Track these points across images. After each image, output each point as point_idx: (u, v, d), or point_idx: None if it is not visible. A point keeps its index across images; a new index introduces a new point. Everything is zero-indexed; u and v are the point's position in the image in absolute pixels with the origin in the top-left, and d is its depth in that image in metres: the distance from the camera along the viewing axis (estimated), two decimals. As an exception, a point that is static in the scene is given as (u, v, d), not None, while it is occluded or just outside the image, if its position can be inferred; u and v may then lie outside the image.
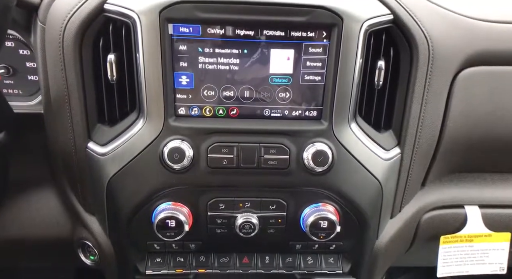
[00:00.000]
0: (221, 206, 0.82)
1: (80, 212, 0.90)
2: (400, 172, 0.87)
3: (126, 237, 0.85)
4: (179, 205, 0.80)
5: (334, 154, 0.78)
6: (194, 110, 0.78)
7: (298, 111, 0.79)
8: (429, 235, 0.99)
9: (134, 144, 0.78)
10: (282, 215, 0.83)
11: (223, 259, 0.91)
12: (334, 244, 0.88)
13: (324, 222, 0.80)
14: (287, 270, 0.91)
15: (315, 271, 0.90)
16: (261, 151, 0.78)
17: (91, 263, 0.95)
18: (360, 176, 0.82)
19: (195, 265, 0.90)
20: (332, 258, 0.92)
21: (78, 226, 0.92)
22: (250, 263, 0.91)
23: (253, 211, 0.82)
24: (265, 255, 0.92)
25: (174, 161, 0.76)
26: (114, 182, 0.80)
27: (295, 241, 0.88)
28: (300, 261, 0.92)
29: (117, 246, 0.88)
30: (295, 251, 0.90)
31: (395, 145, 0.84)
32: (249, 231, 0.81)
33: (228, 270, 0.90)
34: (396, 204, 0.91)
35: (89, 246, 0.92)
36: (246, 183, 0.81)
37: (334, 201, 0.82)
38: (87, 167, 0.82)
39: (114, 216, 0.83)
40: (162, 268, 0.89)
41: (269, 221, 0.83)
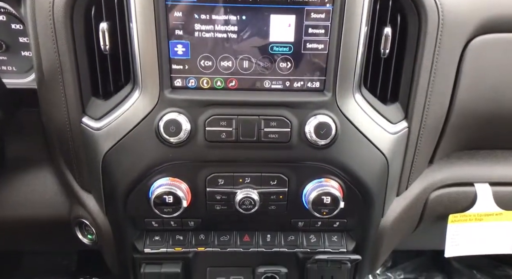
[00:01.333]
0: (220, 181, 0.79)
1: (76, 190, 0.88)
2: (407, 147, 0.83)
3: (123, 214, 0.83)
4: (177, 180, 0.78)
5: (338, 126, 0.75)
6: (191, 81, 0.75)
7: (300, 82, 0.75)
8: (437, 214, 0.96)
9: (129, 117, 0.75)
10: (283, 191, 0.80)
11: (223, 237, 0.89)
12: (337, 222, 0.85)
13: (327, 198, 0.77)
14: (289, 248, 0.88)
15: (318, 249, 0.87)
16: (261, 124, 0.75)
17: (88, 242, 0.93)
18: (365, 150, 0.78)
19: (195, 243, 0.88)
20: (335, 236, 0.89)
21: (75, 205, 0.90)
22: (251, 241, 0.88)
23: (253, 186, 0.79)
24: (266, 233, 0.89)
25: (170, 134, 0.73)
26: (109, 157, 0.77)
27: (297, 218, 0.85)
28: (302, 239, 0.89)
29: (115, 224, 0.85)
30: (297, 229, 0.88)
31: (402, 119, 0.80)
32: (249, 207, 0.79)
33: (228, 248, 0.88)
34: (403, 181, 0.88)
35: (87, 224, 0.90)
36: (246, 157, 0.78)
37: (338, 177, 0.79)
38: (81, 142, 0.79)
39: (111, 192, 0.81)
40: (161, 247, 0.87)
41: (270, 197, 0.80)
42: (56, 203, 0.93)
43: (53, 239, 1.06)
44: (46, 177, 0.93)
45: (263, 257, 0.89)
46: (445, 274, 1.68)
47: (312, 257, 0.84)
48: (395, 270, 1.65)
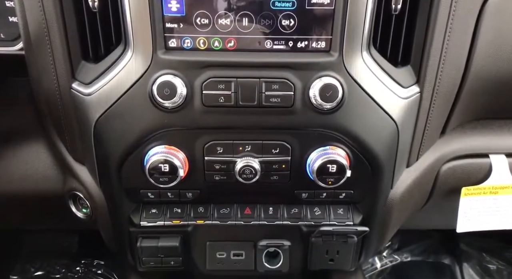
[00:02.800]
0: (219, 150, 0.74)
1: (69, 162, 0.84)
2: (418, 115, 0.77)
3: (117, 186, 0.79)
4: (173, 149, 0.73)
5: (345, 89, 0.69)
6: (186, 42, 0.69)
7: (304, 42, 0.70)
8: (449, 188, 0.91)
9: (121, 81, 0.70)
10: (286, 159, 0.75)
11: (223, 210, 0.84)
12: (343, 193, 0.80)
13: (333, 166, 0.72)
14: (292, 221, 0.84)
15: (322, 222, 0.83)
16: (262, 87, 0.70)
17: (83, 216, 0.90)
18: (373, 115, 0.73)
19: (193, 216, 0.84)
20: (341, 209, 0.84)
21: (69, 177, 0.86)
22: (252, 214, 0.84)
23: (254, 155, 0.75)
24: (268, 206, 0.85)
25: (164, 97, 0.68)
26: (101, 124, 0.73)
27: (301, 190, 0.80)
28: (306, 212, 0.84)
29: (109, 196, 0.81)
30: (301, 201, 0.83)
31: (413, 83, 0.75)
32: (250, 177, 0.74)
33: (228, 221, 0.84)
34: (413, 152, 0.83)
35: (81, 197, 0.86)
36: (246, 123, 0.73)
37: (344, 144, 0.74)
38: (72, 109, 0.75)
39: (104, 162, 0.77)
40: (158, 220, 0.83)
41: (272, 167, 0.76)
42: (49, 177, 0.89)
43: (48, 215, 1.03)
44: (39, 150, 0.90)
45: (265, 230, 0.85)
46: (453, 257, 1.65)
47: (317, 229, 0.80)
48: (402, 252, 1.62)
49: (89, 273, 1.48)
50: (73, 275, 1.47)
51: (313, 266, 0.89)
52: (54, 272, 1.47)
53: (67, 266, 1.49)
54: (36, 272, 1.47)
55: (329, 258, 0.87)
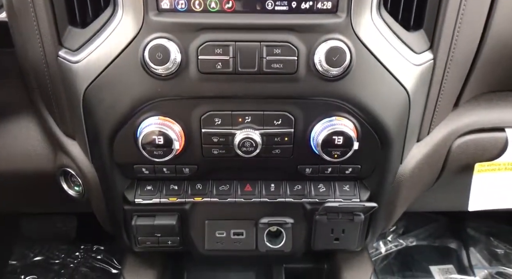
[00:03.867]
0: (216, 121, 0.70)
1: (59, 137, 0.80)
2: (431, 84, 0.72)
3: (110, 161, 0.74)
4: (168, 120, 0.69)
5: (353, 53, 0.64)
6: (180, 3, 0.64)
7: (309, 2, 0.64)
8: (461, 164, 0.86)
9: (111, 46, 0.65)
10: (289, 131, 0.70)
11: (222, 186, 0.80)
12: (350, 168, 0.76)
13: (339, 138, 0.68)
14: (295, 198, 0.79)
15: (327, 199, 0.78)
16: (263, 51, 0.64)
17: (75, 194, 0.85)
18: (383, 83, 0.67)
19: (191, 193, 0.79)
20: (347, 185, 0.80)
21: (59, 153, 0.82)
22: (253, 191, 0.80)
23: (254, 127, 0.70)
24: (270, 182, 0.80)
25: (157, 62, 0.63)
26: (90, 94, 0.68)
27: (304, 164, 0.75)
28: (310, 188, 0.80)
29: (101, 172, 0.77)
30: (304, 177, 0.78)
31: (426, 49, 0.70)
32: (250, 150, 0.69)
33: (228, 198, 0.79)
34: (425, 125, 0.78)
35: (72, 174, 0.81)
36: (246, 92, 0.67)
37: (351, 115, 0.69)
38: (60, 79, 0.70)
39: (94, 135, 0.72)
40: (154, 197, 0.79)
41: (274, 140, 0.71)
42: (40, 154, 0.85)
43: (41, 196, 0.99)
44: (29, 126, 0.85)
45: (267, 208, 0.81)
46: (459, 241, 1.61)
47: (322, 205, 0.75)
48: (407, 236, 1.58)
49: (89, 258, 1.45)
50: (73, 260, 1.45)
51: (317, 245, 0.85)
52: (53, 257, 1.44)
53: (66, 251, 1.46)
54: (35, 257, 1.45)
55: (334, 237, 0.83)
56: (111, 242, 1.45)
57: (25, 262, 1.43)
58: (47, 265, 1.42)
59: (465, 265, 1.53)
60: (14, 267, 1.40)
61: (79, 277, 1.40)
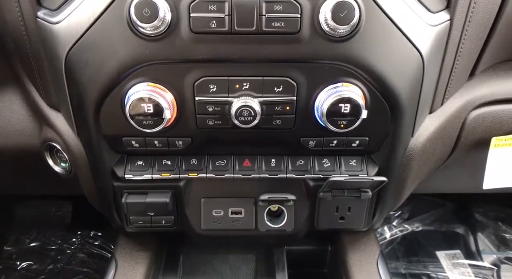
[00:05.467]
0: (211, 88, 0.64)
1: (43, 109, 0.74)
2: (446, 47, 0.66)
3: (96, 133, 0.68)
4: (158, 87, 0.63)
5: (362, 9, 0.57)
6: None
7: None
8: (477, 138, 0.80)
9: (93, 3, 0.59)
10: (291, 100, 0.64)
11: (219, 162, 0.74)
12: (357, 140, 0.70)
13: (346, 106, 0.62)
14: (297, 174, 0.73)
15: (332, 175, 0.73)
16: (262, 7, 0.58)
17: (62, 171, 0.80)
18: (395, 44, 0.61)
19: (185, 168, 0.74)
20: (354, 160, 0.74)
21: (44, 127, 0.76)
22: (252, 166, 0.74)
23: (253, 94, 0.64)
24: (270, 157, 0.74)
25: (144, 20, 0.57)
26: (73, 58, 0.62)
27: (307, 137, 0.69)
28: (313, 163, 0.74)
29: (88, 146, 0.71)
30: (307, 151, 0.72)
31: (443, 8, 0.64)
32: (249, 120, 0.63)
33: (225, 174, 0.74)
34: (438, 94, 0.71)
35: (58, 149, 0.76)
36: (243, 55, 0.61)
37: (360, 80, 0.63)
38: (40, 43, 0.64)
39: (79, 105, 0.66)
40: (145, 172, 0.73)
41: (275, 109, 0.65)
42: (25, 129, 0.79)
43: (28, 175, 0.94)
44: (12, 99, 0.79)
45: (267, 185, 0.75)
46: (466, 226, 1.57)
47: (327, 180, 0.69)
48: (413, 221, 1.54)
49: (86, 244, 1.42)
50: (69, 246, 1.41)
51: (320, 225, 0.79)
52: (49, 243, 1.41)
53: (62, 237, 1.42)
54: (31, 243, 1.41)
55: (339, 216, 0.77)
56: (108, 228, 1.41)
57: (21, 248, 1.39)
58: (43, 251, 1.38)
59: (473, 250, 1.49)
60: (9, 253, 1.37)
61: (76, 263, 1.36)
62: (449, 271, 1.41)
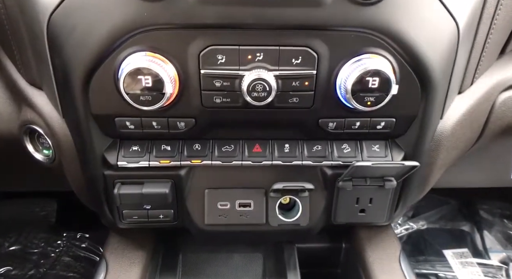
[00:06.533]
0: (220, 59, 0.55)
1: (21, 87, 0.65)
2: (480, 20, 0.59)
3: (85, 113, 0.59)
4: (158, 57, 0.54)
5: None
6: None
7: None
8: (505, 123, 0.73)
9: None
10: (310, 73, 0.56)
11: (226, 147, 0.65)
12: (383, 121, 0.62)
13: (374, 80, 0.54)
14: (314, 161, 0.65)
15: (354, 162, 0.64)
16: None
17: (44, 159, 0.70)
18: (430, 11, 0.54)
19: (188, 155, 0.65)
20: (377, 145, 0.66)
21: (23, 107, 0.67)
22: (263, 152, 0.65)
23: (267, 67, 0.55)
24: (283, 142, 0.66)
25: None
26: (57, 22, 0.53)
27: (327, 118, 0.61)
28: (332, 149, 0.66)
29: (75, 128, 0.62)
30: (326, 135, 0.64)
31: None
32: (262, 96, 0.55)
33: (233, 161, 0.65)
34: (469, 72, 0.65)
35: (40, 134, 0.66)
36: (257, 19, 0.53)
37: (388, 51, 0.55)
38: (17, 7, 0.55)
39: (65, 79, 0.57)
40: (141, 159, 0.64)
41: (291, 85, 0.57)
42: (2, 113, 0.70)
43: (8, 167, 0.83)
44: None
45: (280, 174, 0.67)
46: (472, 224, 1.53)
47: (352, 165, 0.61)
48: (417, 219, 1.49)
49: (72, 247, 1.32)
50: (53, 249, 1.31)
51: (338, 218, 0.71)
52: (31, 246, 1.30)
53: (46, 239, 1.32)
54: (10, 247, 1.31)
55: (359, 208, 0.70)
56: (96, 228, 1.31)
57: (-1, 252, 1.28)
58: (24, 254, 1.28)
59: (480, 248, 1.44)
60: (-15, 258, 1.26)
61: (60, 267, 1.26)
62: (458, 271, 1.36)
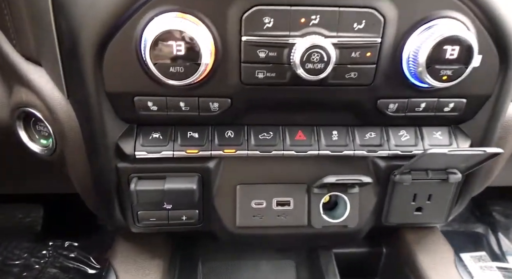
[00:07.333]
0: (266, 22, 0.45)
1: (15, 62, 0.53)
2: None
3: (96, 91, 0.48)
4: (191, 19, 0.44)
5: None
6: None
7: None
8: None
9: None
10: (374, 42, 0.47)
11: (264, 134, 0.55)
12: (452, 102, 0.52)
13: (453, 49, 0.45)
14: (368, 150, 0.56)
15: (414, 151, 0.55)
16: None
17: (42, 151, 0.57)
18: None
19: (219, 143, 0.54)
20: (439, 131, 0.57)
21: (16, 87, 0.55)
22: (308, 140, 0.55)
23: (324, 32, 0.46)
24: (331, 128, 0.56)
25: None
26: None
27: (388, 98, 0.52)
28: (388, 136, 0.56)
29: (83, 111, 0.50)
30: (381, 120, 0.55)
31: None
32: (319, 68, 0.45)
33: (273, 150, 0.54)
34: None
35: (37, 119, 0.54)
36: None
37: (467, 16, 0.46)
38: None
39: (72, 51, 0.45)
40: (164, 148, 0.53)
41: (350, 55, 0.47)
42: None
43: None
44: None
45: (324, 166, 0.57)
46: (486, 226, 1.47)
47: (423, 153, 0.50)
48: (431, 222, 1.41)
49: (59, 257, 1.19)
50: (38, 260, 1.18)
51: (390, 218, 0.62)
52: (12, 258, 1.17)
53: (29, 249, 1.19)
54: (-11, 259, 1.17)
55: (415, 206, 0.60)
56: (87, 236, 1.19)
57: (-24, 264, 1.15)
58: (4, 267, 1.14)
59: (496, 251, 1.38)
60: (-39, 272, 1.12)
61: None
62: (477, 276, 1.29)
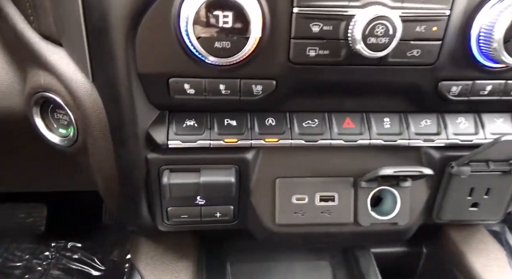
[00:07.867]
0: None
1: (32, 42, 0.47)
2: None
3: (127, 72, 0.42)
4: None
5: None
6: None
7: None
8: None
9: None
10: (442, 14, 0.41)
11: (308, 122, 0.49)
12: None
13: None
14: (425, 139, 0.50)
15: (474, 140, 0.50)
16: None
17: (62, 141, 0.51)
18: None
19: (260, 131, 0.49)
20: (501, 119, 0.52)
21: (32, 70, 0.49)
22: (357, 128, 0.50)
23: (388, 3, 0.40)
24: (382, 115, 0.51)
25: None
26: None
27: (451, 80, 0.47)
28: (445, 124, 0.51)
29: (110, 95, 0.45)
30: (439, 106, 0.50)
31: None
32: (382, 42, 0.40)
33: (319, 140, 0.49)
34: None
35: (57, 105, 0.49)
36: None
37: None
38: None
39: (100, 27, 0.40)
40: (199, 137, 0.47)
41: (415, 30, 0.42)
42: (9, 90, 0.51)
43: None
44: None
45: (372, 157, 0.52)
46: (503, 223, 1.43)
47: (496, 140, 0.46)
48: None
49: (62, 258, 1.16)
50: (41, 262, 1.15)
51: (443, 215, 0.56)
52: (14, 259, 1.15)
53: (32, 250, 1.16)
54: (-10, 261, 1.13)
55: (472, 201, 0.55)
56: (90, 237, 1.15)
57: (-23, 266, 1.11)
58: (6, 269, 1.12)
59: (516, 249, 1.34)
60: (-38, 274, 1.09)
61: (49, 282, 1.09)
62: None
